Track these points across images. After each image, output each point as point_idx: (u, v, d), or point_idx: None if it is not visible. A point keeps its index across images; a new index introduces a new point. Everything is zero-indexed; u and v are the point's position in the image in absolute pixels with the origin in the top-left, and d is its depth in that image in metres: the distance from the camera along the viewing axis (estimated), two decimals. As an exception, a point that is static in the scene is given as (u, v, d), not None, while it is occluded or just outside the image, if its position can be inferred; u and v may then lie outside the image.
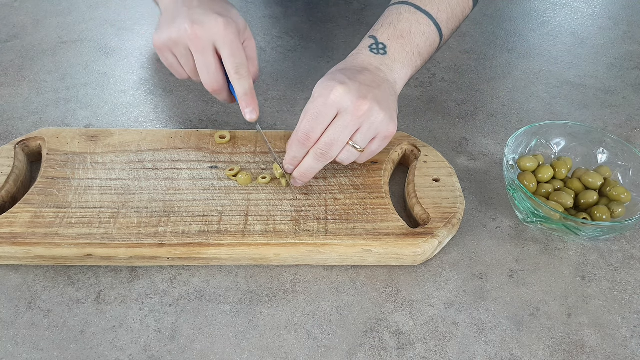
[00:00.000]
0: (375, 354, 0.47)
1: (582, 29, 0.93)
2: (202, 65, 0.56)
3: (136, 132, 0.63)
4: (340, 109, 0.51)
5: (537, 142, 0.62)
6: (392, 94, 0.55)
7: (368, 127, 0.52)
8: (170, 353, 0.46)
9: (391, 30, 0.57)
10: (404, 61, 0.57)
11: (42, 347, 0.46)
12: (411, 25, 0.58)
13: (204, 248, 0.51)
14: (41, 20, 0.87)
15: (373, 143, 0.54)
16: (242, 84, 0.56)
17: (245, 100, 0.56)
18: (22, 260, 0.51)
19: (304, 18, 0.92)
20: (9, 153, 0.58)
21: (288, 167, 0.55)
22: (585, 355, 0.48)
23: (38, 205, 0.53)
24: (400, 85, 0.58)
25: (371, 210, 0.55)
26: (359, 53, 0.57)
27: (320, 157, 0.53)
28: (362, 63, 0.56)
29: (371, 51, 0.57)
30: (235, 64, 0.55)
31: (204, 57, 0.55)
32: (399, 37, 0.57)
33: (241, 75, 0.55)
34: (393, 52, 0.57)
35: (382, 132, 0.53)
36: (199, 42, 0.54)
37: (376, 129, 0.53)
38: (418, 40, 0.58)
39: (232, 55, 0.55)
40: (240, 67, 0.55)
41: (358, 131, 0.52)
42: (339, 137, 0.52)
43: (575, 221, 0.52)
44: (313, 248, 0.52)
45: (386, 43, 0.57)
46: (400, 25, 0.57)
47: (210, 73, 0.56)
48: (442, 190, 0.57)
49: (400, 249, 0.52)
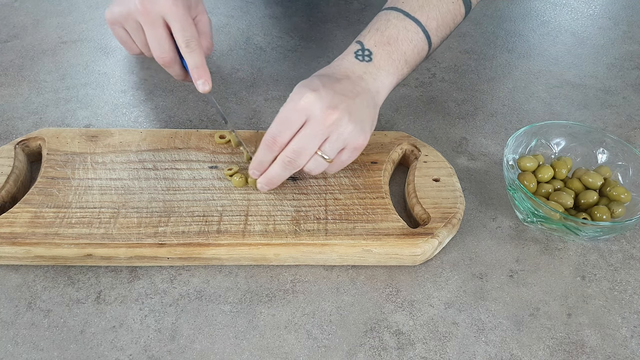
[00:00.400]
0: (375, 354, 0.47)
1: (582, 29, 0.93)
2: (153, 39, 0.56)
3: (136, 132, 0.63)
4: (309, 116, 0.50)
5: (537, 142, 0.62)
6: (371, 105, 0.54)
7: (336, 137, 0.51)
8: (170, 353, 0.46)
9: (378, 36, 0.56)
10: (389, 69, 0.56)
11: (42, 347, 0.46)
12: (399, 31, 0.56)
13: (204, 248, 0.51)
14: (41, 20, 0.87)
15: (342, 154, 0.53)
16: (192, 57, 0.56)
17: (197, 73, 0.57)
18: (22, 260, 0.51)
19: (304, 18, 0.92)
20: (9, 153, 0.58)
21: (254, 173, 0.54)
22: (585, 355, 0.48)
23: (38, 205, 0.53)
24: (384, 94, 0.56)
25: (371, 210, 0.55)
26: (344, 58, 0.56)
27: (288, 164, 0.52)
28: (344, 70, 0.55)
29: (356, 57, 0.56)
30: (186, 38, 0.56)
31: (154, 30, 0.56)
32: (386, 44, 0.56)
33: (192, 48, 0.56)
34: (379, 59, 0.56)
35: (351, 144, 0.52)
36: (149, 15, 0.55)
37: (344, 139, 0.52)
38: (405, 48, 0.57)
39: (182, 29, 0.55)
40: (190, 41, 0.56)
41: (326, 141, 0.51)
42: (306, 146, 0.51)
43: (575, 221, 0.52)
44: (313, 248, 0.52)
45: (372, 49, 0.56)
46: (387, 32, 0.56)
47: (161, 45, 0.57)
48: (442, 190, 0.57)
49: (400, 249, 0.52)
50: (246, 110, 0.72)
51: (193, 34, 0.56)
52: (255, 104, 0.73)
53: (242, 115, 0.71)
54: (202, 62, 0.57)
